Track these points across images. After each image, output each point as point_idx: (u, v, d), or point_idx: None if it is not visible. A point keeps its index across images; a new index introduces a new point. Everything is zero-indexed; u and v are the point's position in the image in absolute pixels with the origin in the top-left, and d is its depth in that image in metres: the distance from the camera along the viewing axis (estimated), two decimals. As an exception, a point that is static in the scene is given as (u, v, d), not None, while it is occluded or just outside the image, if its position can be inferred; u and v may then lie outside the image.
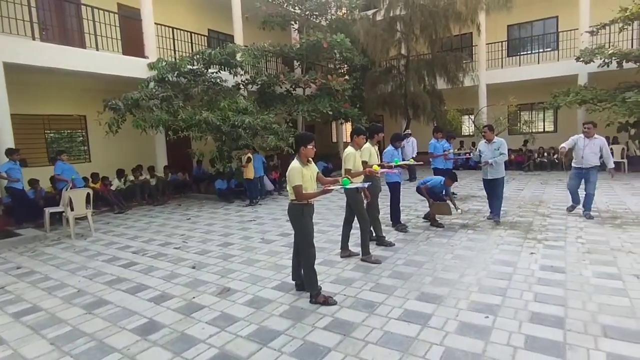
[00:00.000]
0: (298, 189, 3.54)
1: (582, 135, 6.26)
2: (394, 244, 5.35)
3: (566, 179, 7.70)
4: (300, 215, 3.65)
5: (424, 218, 6.61)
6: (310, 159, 3.75)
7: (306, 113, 11.55)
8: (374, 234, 5.40)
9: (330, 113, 11.82)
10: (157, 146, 10.78)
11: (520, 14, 14.63)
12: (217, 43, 13.16)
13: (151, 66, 9.83)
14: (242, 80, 11.69)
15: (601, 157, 6.14)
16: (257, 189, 9.61)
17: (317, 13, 13.25)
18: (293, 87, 12.44)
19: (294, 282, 4.05)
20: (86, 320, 3.58)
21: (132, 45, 10.19)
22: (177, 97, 9.41)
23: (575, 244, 4.96)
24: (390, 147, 5.90)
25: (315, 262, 3.80)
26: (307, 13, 13.07)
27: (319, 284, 3.79)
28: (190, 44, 11.76)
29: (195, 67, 10.28)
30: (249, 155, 9.34)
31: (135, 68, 9.71)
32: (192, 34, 11.82)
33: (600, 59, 11.47)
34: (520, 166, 13.39)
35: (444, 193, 6.30)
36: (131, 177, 10.22)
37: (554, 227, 5.85)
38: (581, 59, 11.87)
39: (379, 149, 5.53)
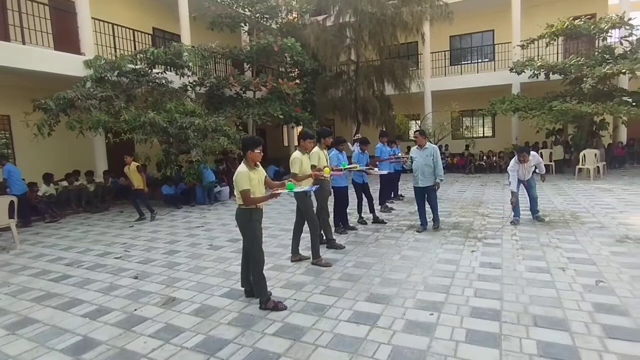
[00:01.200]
0: (245, 194, 3.47)
1: (517, 161, 6.29)
2: (344, 247, 5.41)
3: (503, 181, 8.25)
4: (249, 220, 3.58)
5: (373, 222, 6.77)
6: (258, 162, 3.69)
7: (257, 116, 11.41)
8: (324, 237, 5.43)
9: (281, 117, 11.78)
10: (96, 150, 10.07)
11: (461, 26, 15.56)
12: (162, 42, 12.62)
13: (88, 64, 9.19)
14: (189, 82, 11.30)
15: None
16: (147, 201, 8.36)
17: (267, 16, 13.18)
18: (243, 89, 12.24)
19: (243, 289, 3.95)
20: (8, 342, 3.23)
21: (66, 40, 9.46)
22: (119, 98, 8.88)
23: (510, 241, 5.32)
24: (334, 151, 5.97)
25: (265, 267, 3.74)
26: (257, 15, 12.95)
27: (268, 289, 3.74)
28: (132, 42, 11.18)
29: (138, 67, 9.77)
30: (135, 163, 8.15)
31: (69, 65, 9.01)
32: (135, 32, 11.25)
33: (530, 70, 12.48)
34: (463, 169, 14.20)
35: (367, 164, 6.82)
36: (65, 183, 9.45)
37: (492, 226, 6.24)
38: (514, 70, 12.84)
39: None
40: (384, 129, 11.19)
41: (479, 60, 16.41)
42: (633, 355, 2.63)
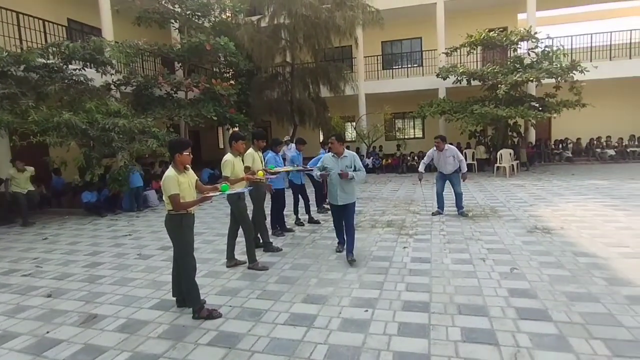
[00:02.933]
0: (175, 199, 3.29)
1: (434, 148, 6.92)
2: (282, 249, 5.37)
3: (432, 180, 8.79)
4: (179, 226, 3.40)
5: (309, 222, 6.83)
6: (188, 166, 3.52)
7: (189, 118, 10.92)
8: (261, 241, 5.35)
9: (215, 119, 11.40)
10: (-2, 154, 8.90)
11: (392, 32, 16.33)
12: (80, 36, 11.57)
13: (-14, 56, 8.11)
14: (113, 80, 10.49)
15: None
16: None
17: (199, 13, 12.65)
18: (174, 90, 11.65)
19: (174, 299, 3.75)
20: None
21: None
22: (26, 96, 7.95)
23: (438, 236, 5.67)
24: (270, 153, 5.92)
25: (200, 274, 3.60)
26: (188, 12, 12.39)
27: (202, 297, 3.59)
28: (42, 34, 10.08)
29: (50, 62, 8.84)
30: None
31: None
32: (46, 22, 10.16)
33: (454, 76, 13.45)
34: (396, 169, 14.85)
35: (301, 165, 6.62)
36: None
37: (423, 222, 6.59)
38: (440, 76, 13.76)
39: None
40: (323, 141, 11.23)
41: (409, 66, 17.32)
42: (541, 333, 2.92)
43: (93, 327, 3.41)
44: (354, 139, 17.24)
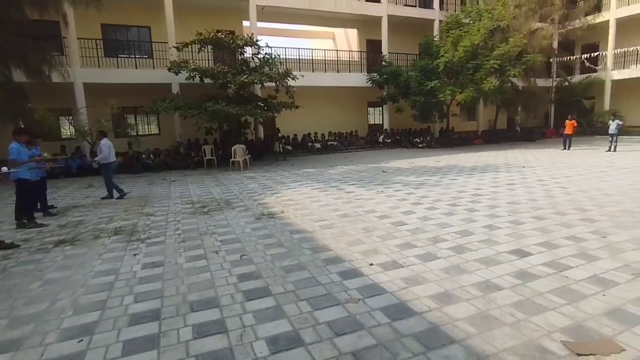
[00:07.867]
0: None
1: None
2: (-53, 291, 3.82)
3: (170, 178, 8.47)
4: None
5: None
6: None
7: None
8: None
9: None
10: None
11: (115, 16, 14.56)
12: None
13: None
14: None
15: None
16: None
17: None
18: None
19: None
20: None
21: None
22: None
23: (173, 236, 5.46)
24: None
25: None
26: None
27: None
28: None
29: None
30: None
31: None
32: None
33: (186, 72, 13.35)
34: (128, 169, 13.40)
35: None
36: None
37: (157, 224, 6.20)
38: (172, 70, 13.35)
39: None
40: (20, 127, 8.76)
41: (138, 56, 15.93)
42: (262, 308, 3.25)
43: None
44: (73, 136, 14.47)
